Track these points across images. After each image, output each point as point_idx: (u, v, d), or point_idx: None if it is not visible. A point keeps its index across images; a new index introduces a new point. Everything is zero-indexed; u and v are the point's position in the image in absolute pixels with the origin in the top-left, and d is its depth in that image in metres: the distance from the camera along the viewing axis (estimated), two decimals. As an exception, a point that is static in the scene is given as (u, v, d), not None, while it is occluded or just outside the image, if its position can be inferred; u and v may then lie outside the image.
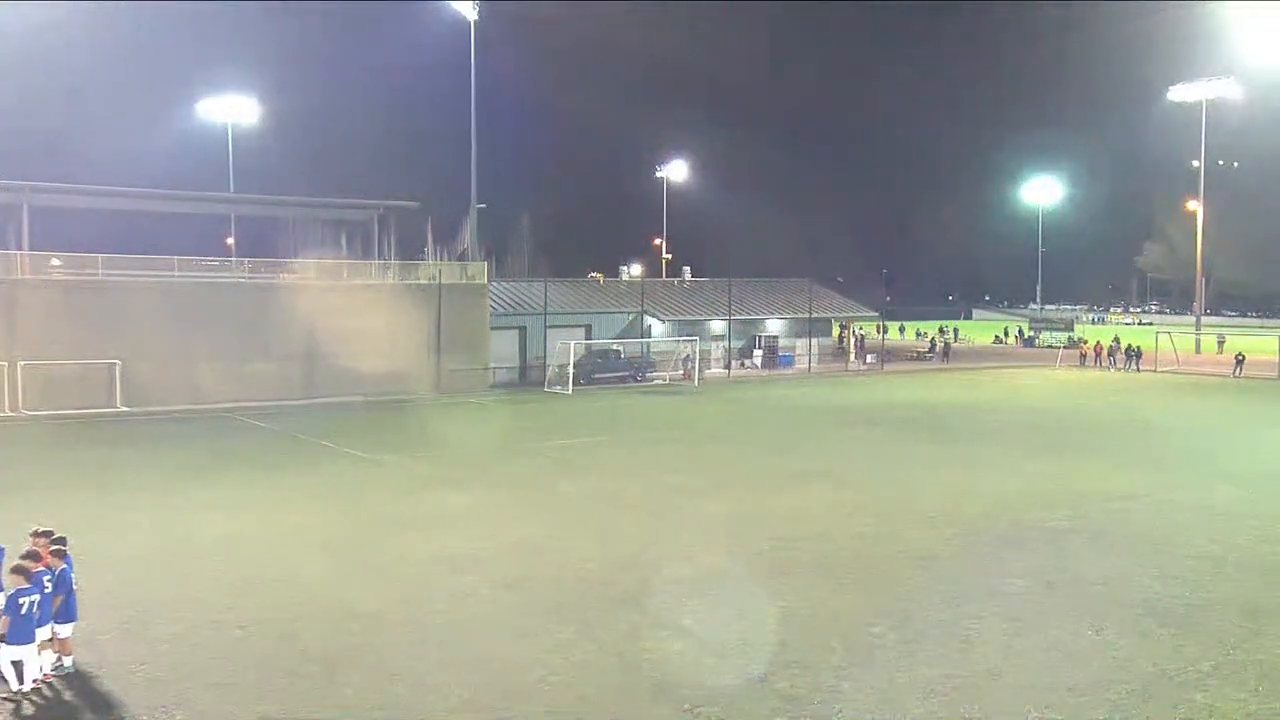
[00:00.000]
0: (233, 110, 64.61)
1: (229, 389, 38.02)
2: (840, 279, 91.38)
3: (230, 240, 52.75)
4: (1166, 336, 59.80)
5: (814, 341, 57.91)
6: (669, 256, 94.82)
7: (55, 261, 39.54)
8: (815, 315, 58.46)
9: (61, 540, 11.95)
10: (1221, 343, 70.42)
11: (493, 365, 45.79)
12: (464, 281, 45.81)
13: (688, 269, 67.54)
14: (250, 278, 41.52)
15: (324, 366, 39.94)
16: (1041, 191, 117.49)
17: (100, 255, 38.84)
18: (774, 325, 58.94)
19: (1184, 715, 10.39)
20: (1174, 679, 11.32)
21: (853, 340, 64.65)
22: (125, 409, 36.07)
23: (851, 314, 65.98)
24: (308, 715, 10.55)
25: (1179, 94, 77.63)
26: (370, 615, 13.61)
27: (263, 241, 47.02)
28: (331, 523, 19.14)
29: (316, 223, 48.25)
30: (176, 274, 39.46)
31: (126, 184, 48.62)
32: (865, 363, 60.40)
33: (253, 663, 11.95)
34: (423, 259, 46.44)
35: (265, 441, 29.91)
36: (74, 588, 11.72)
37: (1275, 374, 51.08)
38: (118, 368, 36.57)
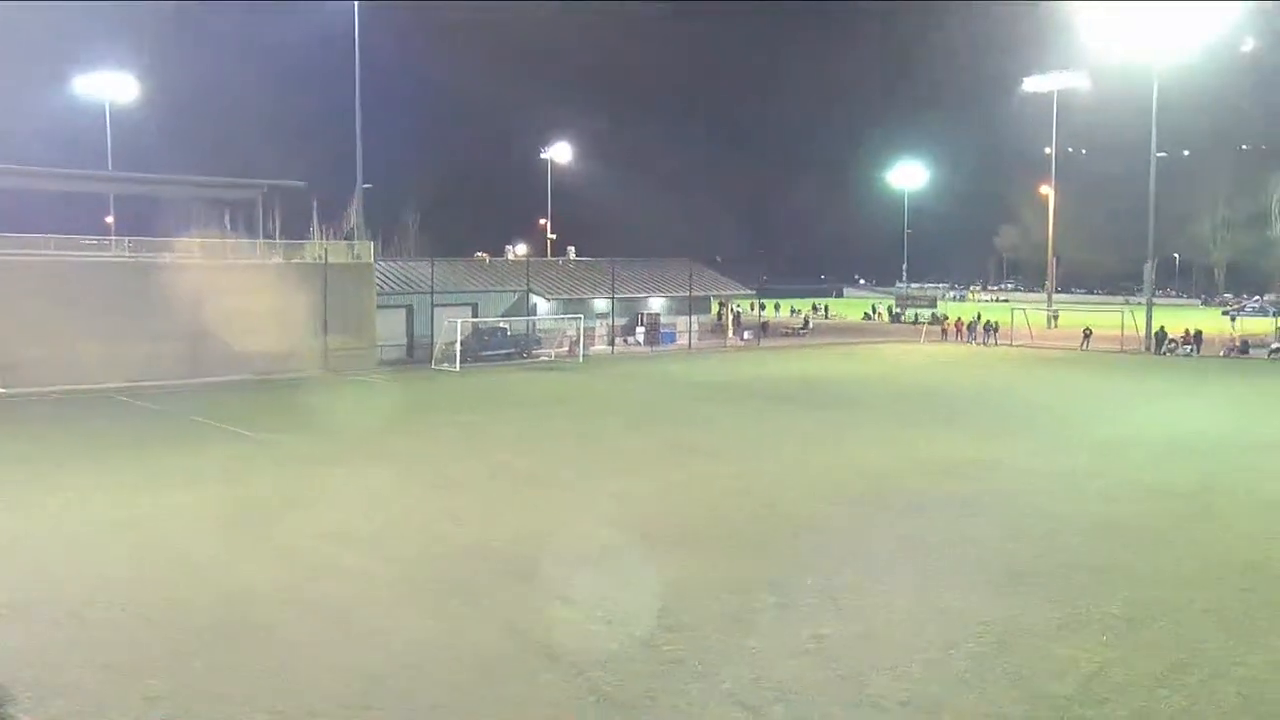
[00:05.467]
0: (109, 88, 62.64)
1: (112, 369, 37.43)
2: (719, 258, 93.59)
3: (110, 219, 51.51)
4: (1021, 313, 63.79)
5: (694, 319, 59.81)
6: (553, 236, 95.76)
7: (-77, 240, 38.22)
8: (695, 293, 60.25)
9: None
10: (1055, 317, 74.90)
11: (380, 344, 46.04)
12: (350, 261, 45.89)
13: (572, 249, 68.70)
14: (131, 257, 40.82)
15: (209, 346, 39.57)
16: (907, 176, 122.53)
17: (-30, 234, 37.78)
18: (656, 303, 60.55)
19: (1040, 665, 11.08)
20: (1031, 632, 12.05)
21: (731, 317, 66.93)
22: (2, 390, 35.21)
23: (730, 292, 68.11)
24: (199, 693, 10.42)
25: (1032, 85, 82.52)
26: (262, 594, 13.54)
27: (144, 221, 46.26)
28: (220, 503, 18.87)
29: (199, 202, 47.56)
30: (53, 253, 38.59)
31: (-3, 161, 46.95)
32: (743, 339, 62.77)
33: (141, 643, 11.77)
34: (309, 239, 46.32)
35: (151, 422, 29.58)
36: None
37: (1118, 347, 55.29)
38: (-8, 349, 35.67)
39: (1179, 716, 9.91)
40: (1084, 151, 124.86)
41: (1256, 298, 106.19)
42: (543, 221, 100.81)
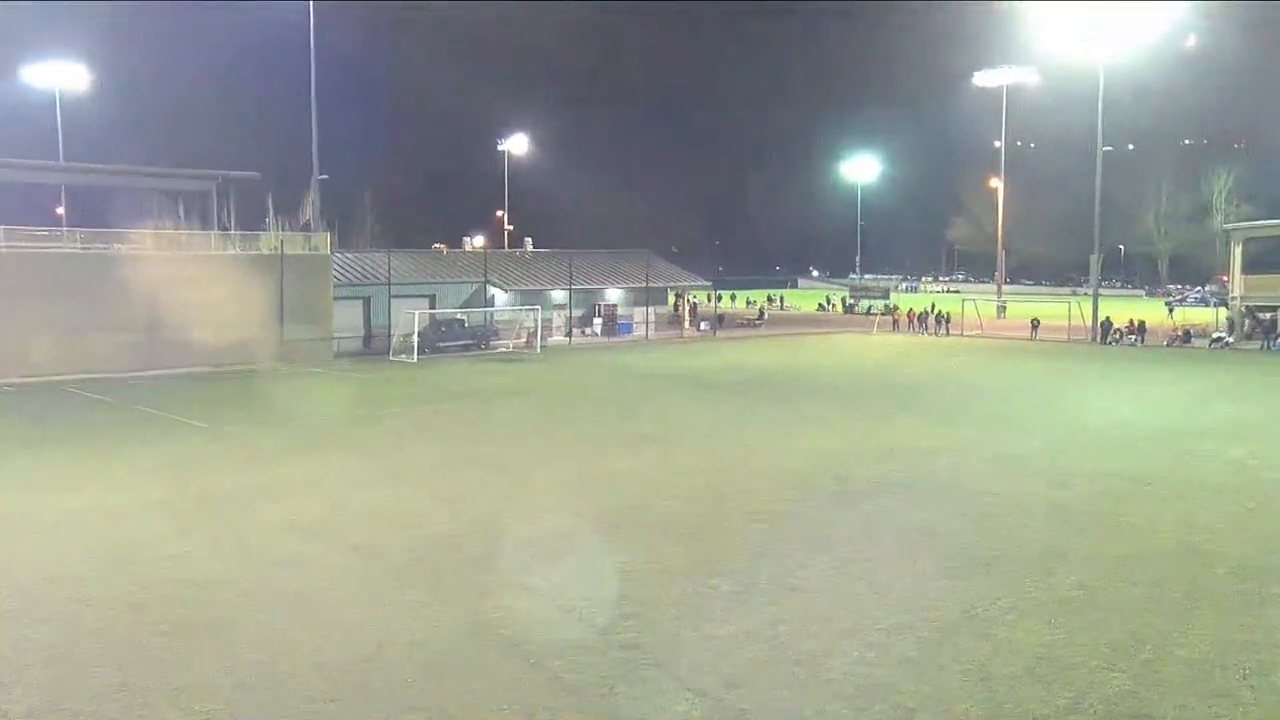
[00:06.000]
0: (60, 77, 61.62)
1: (64, 361, 37.03)
2: (675, 250, 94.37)
3: (61, 210, 50.81)
4: (971, 303, 64.94)
5: (651, 310, 60.24)
6: (511, 228, 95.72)
7: None
8: (652, 285, 60.70)
9: None
10: (1003, 308, 76.29)
11: (337, 335, 45.91)
12: (307, 252, 45.68)
13: (529, 240, 68.62)
14: (84, 248, 40.34)
15: (164, 338, 39.30)
16: (861, 169, 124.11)
17: (-82, 224, 37.10)
18: (613, 294, 60.89)
19: (988, 648, 11.35)
20: (979, 616, 12.30)
21: (687, 308, 67.43)
22: (-50, 384, 34.72)
23: (686, 283, 68.63)
24: (157, 686, 10.35)
25: (982, 80, 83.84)
26: (220, 584, 13.49)
27: (96, 212, 45.63)
28: (177, 495, 18.74)
29: (153, 193, 47.15)
30: (3, 245, 37.99)
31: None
32: (699, 329, 63.28)
33: (96, 637, 11.65)
34: (265, 230, 46.05)
35: (105, 415, 29.35)
36: None
37: (1065, 337, 56.53)
38: (-61, 341, 35.12)
39: (1124, 697, 10.21)
40: (1033, 145, 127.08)
41: (1197, 289, 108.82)
42: (500, 213, 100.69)
